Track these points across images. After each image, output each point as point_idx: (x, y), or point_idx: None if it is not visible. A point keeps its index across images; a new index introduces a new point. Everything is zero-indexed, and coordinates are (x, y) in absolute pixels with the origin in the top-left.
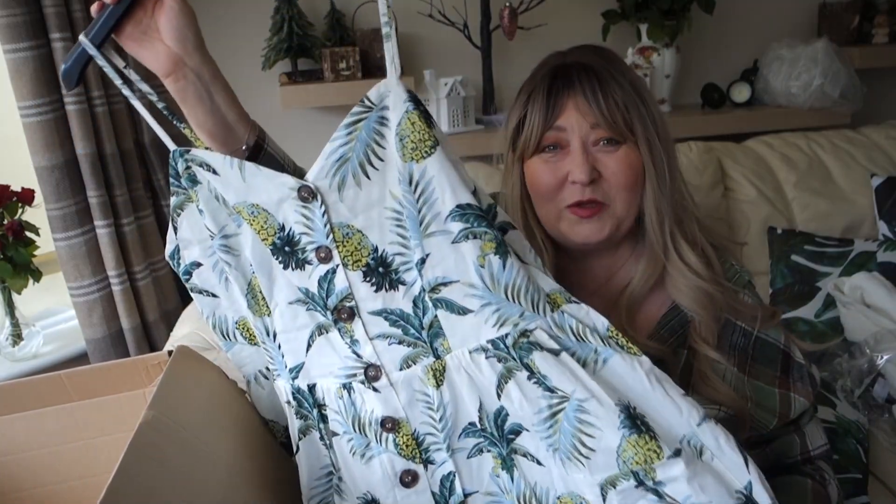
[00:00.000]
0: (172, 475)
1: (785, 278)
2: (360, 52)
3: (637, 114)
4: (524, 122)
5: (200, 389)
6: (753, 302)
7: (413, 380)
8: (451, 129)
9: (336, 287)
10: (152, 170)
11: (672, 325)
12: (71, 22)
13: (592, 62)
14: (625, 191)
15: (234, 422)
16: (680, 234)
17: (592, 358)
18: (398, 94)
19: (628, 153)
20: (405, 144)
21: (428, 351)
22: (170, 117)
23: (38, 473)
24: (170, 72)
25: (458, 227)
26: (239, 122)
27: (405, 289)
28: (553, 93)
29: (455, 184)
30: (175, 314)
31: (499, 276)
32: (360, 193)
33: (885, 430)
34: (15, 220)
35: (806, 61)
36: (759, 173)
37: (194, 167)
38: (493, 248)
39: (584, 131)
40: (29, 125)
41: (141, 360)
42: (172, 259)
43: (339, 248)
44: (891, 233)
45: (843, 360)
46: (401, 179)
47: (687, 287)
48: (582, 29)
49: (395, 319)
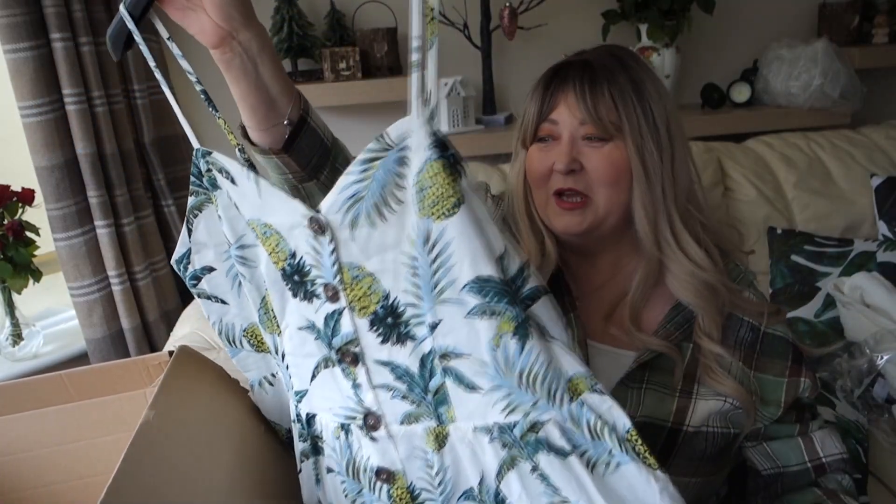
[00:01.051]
0: (173, 475)
1: (785, 278)
2: (360, 52)
3: (628, 114)
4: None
5: (201, 389)
6: (758, 300)
7: (413, 437)
8: (451, 129)
9: (342, 329)
10: (152, 170)
11: (677, 321)
12: (71, 22)
13: (596, 60)
14: (605, 186)
15: (235, 421)
16: (685, 228)
17: (605, 460)
18: (420, 138)
19: (612, 150)
20: (424, 197)
21: (432, 414)
22: (207, 103)
23: (39, 473)
24: (216, 45)
25: (475, 302)
26: (282, 95)
27: (413, 345)
28: (550, 89)
29: (477, 252)
30: (175, 314)
31: (514, 360)
32: (374, 234)
33: (885, 430)
34: (15, 220)
35: (806, 61)
36: (759, 173)
37: (214, 171)
38: (511, 329)
39: (573, 126)
40: (29, 125)
41: (141, 361)
42: (179, 263)
43: (346, 290)
44: (891, 233)
45: (843, 360)
46: (416, 234)
47: (688, 278)
48: (582, 29)
49: (401, 374)
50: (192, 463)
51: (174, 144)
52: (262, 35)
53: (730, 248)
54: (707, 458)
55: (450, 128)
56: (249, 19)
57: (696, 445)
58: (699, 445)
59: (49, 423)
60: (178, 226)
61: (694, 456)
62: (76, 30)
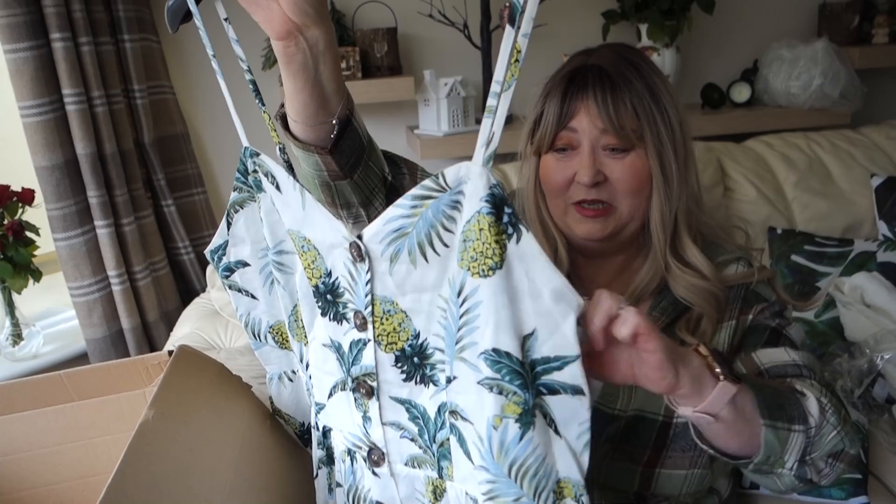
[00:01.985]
0: (173, 474)
1: (785, 278)
2: (360, 52)
3: (648, 121)
4: (541, 119)
5: (201, 388)
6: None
7: (416, 480)
8: (451, 129)
9: (362, 360)
10: (152, 170)
11: (663, 306)
12: (71, 22)
13: (610, 66)
14: (630, 196)
15: (235, 419)
16: (687, 235)
17: None
18: (477, 187)
19: (635, 160)
20: (466, 248)
21: (434, 465)
22: (255, 95)
23: (39, 473)
24: (282, 37)
25: (488, 373)
26: (335, 95)
27: (434, 390)
28: (568, 96)
29: (501, 324)
30: (175, 314)
31: (509, 447)
32: (414, 273)
33: (885, 430)
34: (15, 220)
35: (806, 61)
36: (759, 173)
37: (260, 174)
38: (516, 414)
39: (594, 135)
40: (29, 125)
41: (141, 360)
42: (214, 254)
43: (376, 322)
44: (891, 233)
45: (843, 360)
46: (453, 283)
47: (693, 288)
48: (582, 29)
49: (415, 416)
50: (192, 462)
51: (174, 144)
52: (330, 33)
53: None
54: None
55: (450, 128)
56: (322, 17)
57: (689, 437)
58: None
59: (49, 423)
60: (178, 225)
61: (688, 448)
62: (76, 30)
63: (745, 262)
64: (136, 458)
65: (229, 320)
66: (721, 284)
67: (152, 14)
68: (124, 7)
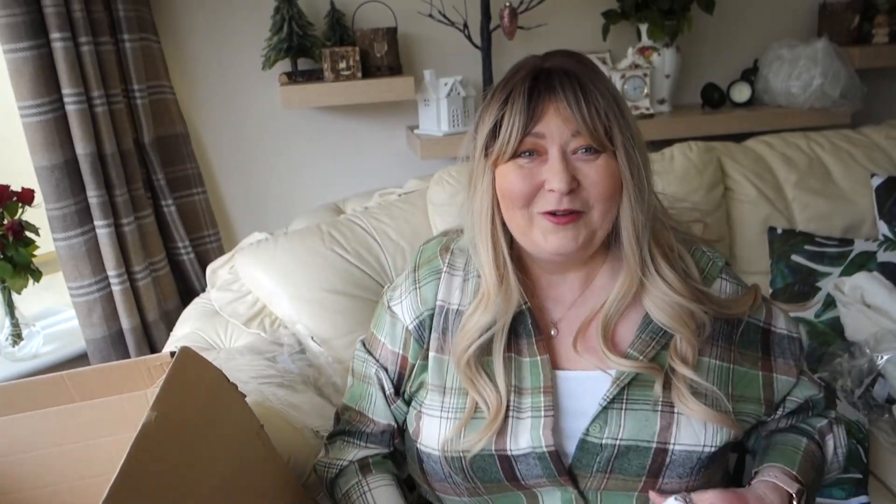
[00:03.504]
0: (174, 476)
1: (785, 278)
2: (360, 52)
3: (617, 123)
4: (500, 126)
5: (202, 391)
6: (732, 288)
7: None
8: (452, 129)
9: None
10: (152, 170)
11: (652, 329)
12: (71, 22)
13: (574, 68)
14: (603, 201)
15: (233, 424)
16: (657, 248)
17: None
18: None
19: (608, 162)
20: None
21: None
22: None
23: (40, 474)
24: None
25: None
26: None
27: None
28: (534, 97)
29: None
30: (175, 314)
31: None
32: None
33: (885, 430)
34: (15, 220)
35: (806, 61)
36: (759, 173)
37: None
38: None
39: (565, 139)
40: (29, 125)
41: (143, 361)
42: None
43: None
44: (891, 233)
45: (843, 360)
46: None
47: (665, 304)
48: (582, 29)
49: None
50: (193, 464)
51: (174, 144)
52: None
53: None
54: (698, 470)
55: (450, 128)
56: None
57: (686, 463)
58: (688, 462)
59: (50, 423)
60: (178, 225)
61: (684, 473)
62: (76, 30)
63: (726, 273)
64: (139, 460)
65: (229, 320)
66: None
67: (152, 14)
68: (124, 7)
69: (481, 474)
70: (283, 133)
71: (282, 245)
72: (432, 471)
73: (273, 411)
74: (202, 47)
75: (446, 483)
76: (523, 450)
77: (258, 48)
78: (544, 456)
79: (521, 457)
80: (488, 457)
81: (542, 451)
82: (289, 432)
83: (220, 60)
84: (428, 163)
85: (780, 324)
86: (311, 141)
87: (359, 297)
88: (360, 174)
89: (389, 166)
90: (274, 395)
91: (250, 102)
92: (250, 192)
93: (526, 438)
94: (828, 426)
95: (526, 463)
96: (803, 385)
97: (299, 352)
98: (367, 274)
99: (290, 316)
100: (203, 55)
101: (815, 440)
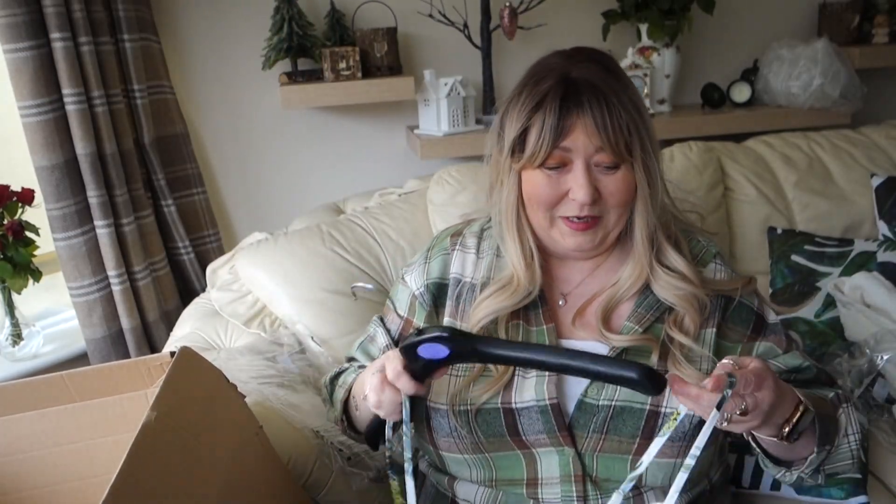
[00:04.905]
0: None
1: (785, 278)
2: (360, 52)
3: (637, 136)
4: (528, 133)
5: (202, 391)
6: (727, 275)
7: None
8: (451, 129)
9: None
10: (152, 170)
11: (649, 301)
12: (71, 22)
13: (600, 81)
14: (619, 207)
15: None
16: (665, 237)
17: None
18: None
19: (626, 174)
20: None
21: None
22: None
23: (40, 474)
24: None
25: None
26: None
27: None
28: (563, 113)
29: None
30: (175, 314)
31: None
32: None
33: (885, 430)
34: (15, 220)
35: (806, 61)
36: (759, 173)
37: None
38: None
39: (589, 152)
40: (29, 125)
41: (143, 362)
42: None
43: None
44: (891, 233)
45: (843, 360)
46: None
47: (673, 288)
48: (582, 29)
49: None
50: (192, 464)
51: (174, 144)
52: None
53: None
54: (690, 436)
55: (450, 128)
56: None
57: (679, 426)
58: (681, 426)
59: (50, 423)
60: (178, 225)
61: (677, 437)
62: (76, 30)
63: (719, 258)
64: (139, 460)
65: (229, 320)
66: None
67: (152, 14)
68: (124, 7)
69: (485, 427)
70: (283, 133)
71: (282, 245)
72: (439, 426)
73: (273, 411)
74: (202, 47)
75: (451, 438)
76: (527, 402)
77: (258, 48)
78: (546, 409)
79: (525, 410)
80: (494, 410)
81: (544, 405)
82: (289, 432)
83: (220, 60)
84: (428, 163)
85: (772, 317)
86: (311, 141)
87: (359, 297)
88: (360, 174)
89: (389, 166)
90: (274, 396)
91: (250, 102)
92: (250, 192)
93: (530, 393)
94: (836, 398)
95: (529, 417)
96: (791, 356)
97: (299, 352)
98: (368, 274)
99: (291, 316)
100: (203, 55)
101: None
